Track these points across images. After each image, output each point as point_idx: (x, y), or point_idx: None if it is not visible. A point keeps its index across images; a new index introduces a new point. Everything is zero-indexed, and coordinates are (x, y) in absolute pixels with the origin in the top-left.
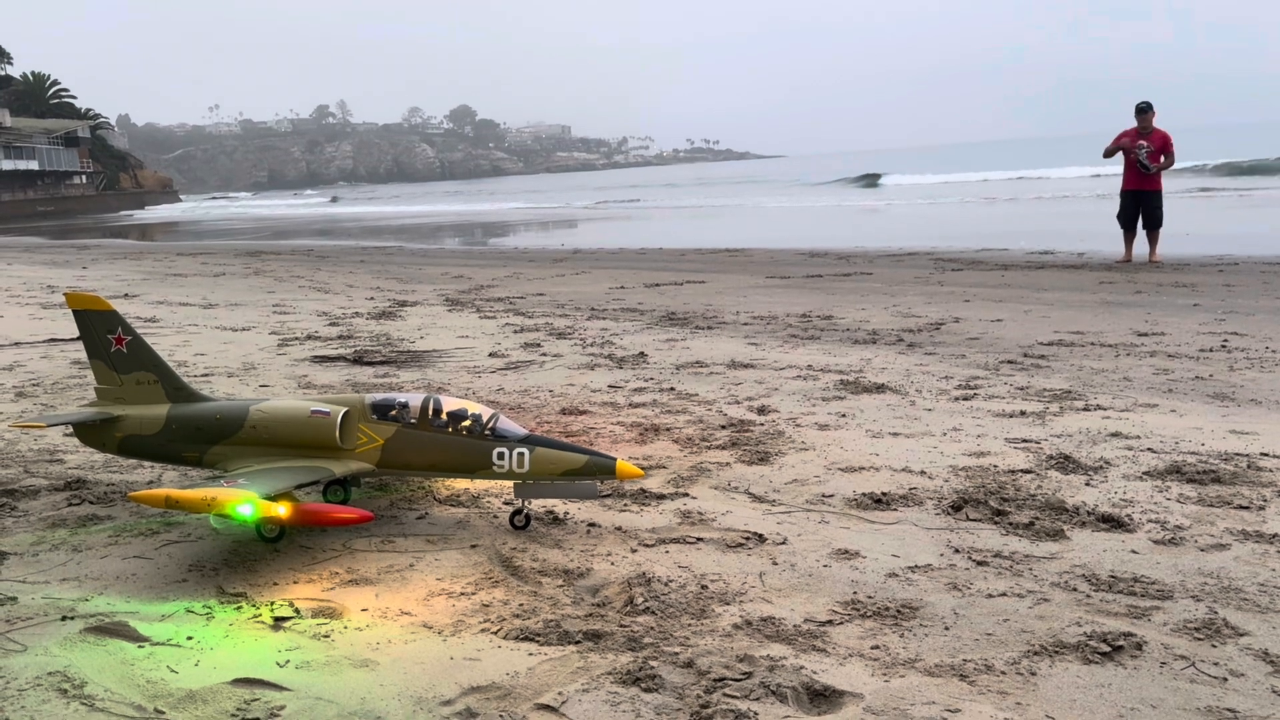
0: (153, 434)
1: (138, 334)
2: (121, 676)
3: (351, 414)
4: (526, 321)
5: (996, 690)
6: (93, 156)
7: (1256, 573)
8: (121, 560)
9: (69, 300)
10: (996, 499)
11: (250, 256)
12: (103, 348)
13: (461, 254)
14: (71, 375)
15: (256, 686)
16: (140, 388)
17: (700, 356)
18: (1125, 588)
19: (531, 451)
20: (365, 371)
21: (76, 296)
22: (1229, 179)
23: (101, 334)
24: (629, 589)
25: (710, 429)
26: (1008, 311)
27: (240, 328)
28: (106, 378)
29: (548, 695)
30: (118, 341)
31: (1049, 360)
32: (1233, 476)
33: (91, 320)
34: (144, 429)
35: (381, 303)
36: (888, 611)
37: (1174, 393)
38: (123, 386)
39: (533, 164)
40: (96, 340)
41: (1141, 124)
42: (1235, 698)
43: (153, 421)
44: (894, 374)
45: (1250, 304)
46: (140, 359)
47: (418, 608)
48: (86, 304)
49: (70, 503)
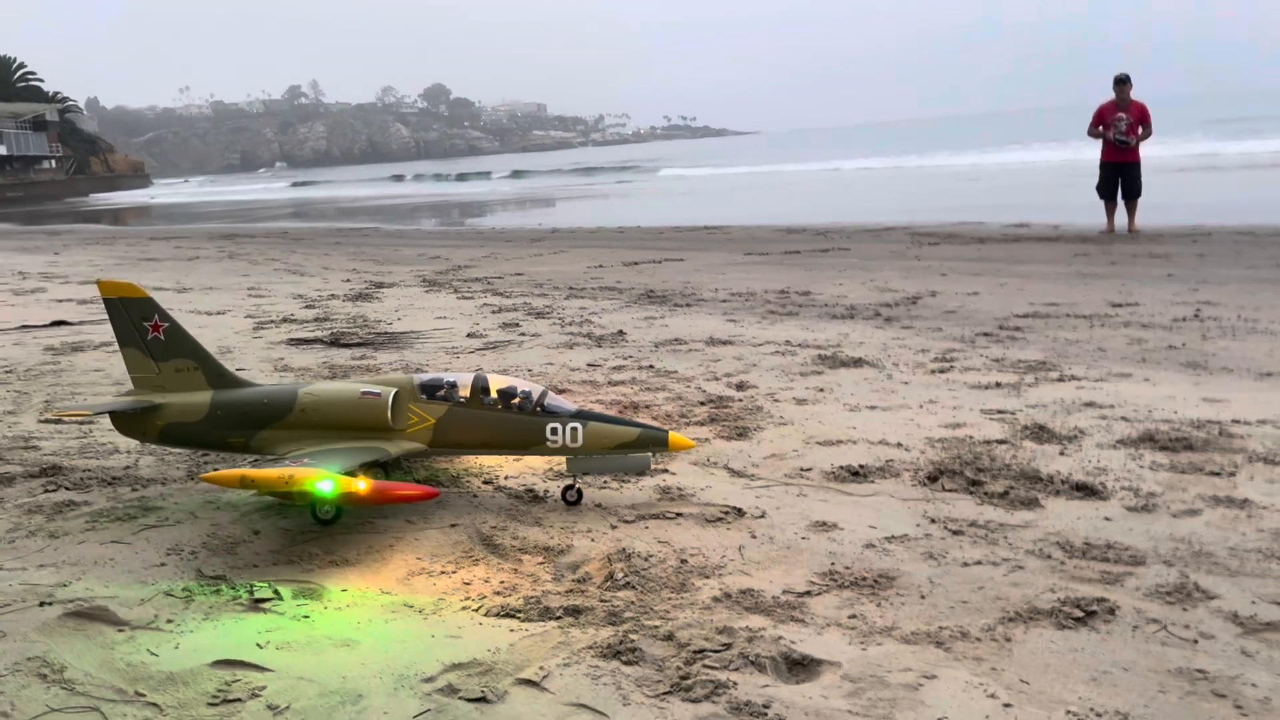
0: (196, 421)
1: (175, 320)
2: (101, 661)
3: (401, 394)
4: (505, 301)
5: (972, 656)
6: (62, 141)
7: (1227, 537)
8: (99, 545)
9: (101, 288)
10: (972, 469)
11: (225, 239)
12: (138, 335)
13: (438, 234)
14: (45, 362)
15: (237, 668)
16: (180, 375)
17: (679, 334)
18: (1099, 554)
19: (585, 426)
20: (342, 354)
21: (110, 284)
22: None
23: (137, 321)
24: (609, 564)
25: (689, 405)
26: (984, 284)
27: (215, 311)
28: (142, 366)
29: (529, 670)
30: (154, 329)
31: (1024, 332)
32: (1204, 443)
33: (126, 308)
34: (187, 416)
35: (358, 284)
36: (865, 581)
37: (1147, 362)
38: (161, 374)
39: (509, 143)
40: (131, 328)
41: (1120, 95)
42: (1205, 659)
43: (196, 408)
44: (871, 348)
45: (1223, 274)
46: (179, 346)
47: (398, 587)
48: (120, 291)
49: (46, 489)
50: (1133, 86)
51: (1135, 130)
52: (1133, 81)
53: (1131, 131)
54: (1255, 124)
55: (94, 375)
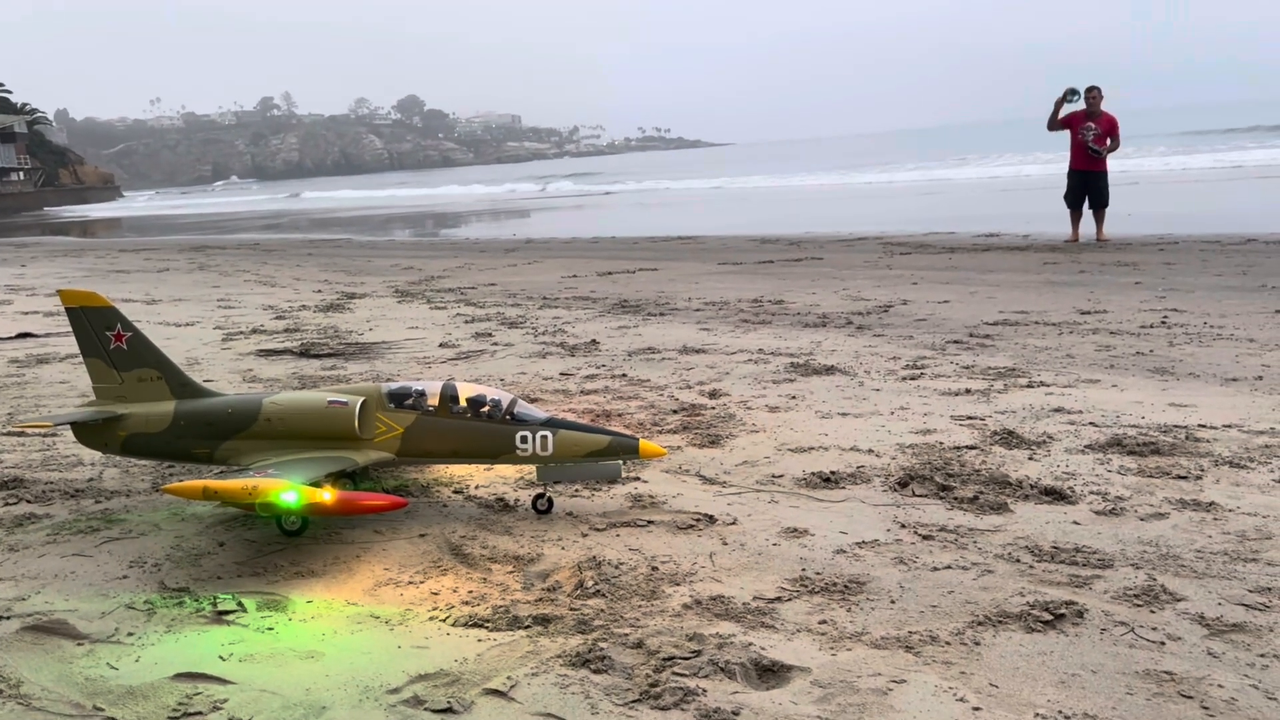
0: (159, 431)
1: (139, 330)
2: (59, 675)
3: (369, 403)
4: (478, 311)
5: (941, 660)
6: (30, 153)
7: (1194, 540)
8: (60, 559)
9: (63, 297)
10: (942, 475)
11: (195, 251)
12: (101, 345)
13: (412, 245)
14: (10, 374)
15: (199, 680)
16: (143, 385)
17: (652, 343)
18: (1067, 558)
19: (555, 434)
20: (312, 364)
21: (71, 294)
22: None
23: (100, 331)
24: (579, 573)
25: (662, 414)
26: (954, 293)
27: (184, 323)
28: (105, 376)
29: (496, 680)
30: (117, 338)
31: (994, 339)
32: (1171, 448)
33: (88, 317)
34: (150, 427)
35: (329, 295)
36: (835, 587)
37: (1115, 368)
38: (124, 384)
39: (483, 154)
40: (94, 338)
41: (1089, 105)
42: (1172, 660)
43: (159, 419)
44: (843, 356)
45: (1190, 281)
46: (142, 355)
47: (365, 598)
48: (82, 300)
49: (7, 502)
50: (1103, 98)
51: (1103, 141)
52: (1103, 93)
53: (1099, 142)
54: (1222, 137)
55: (59, 387)
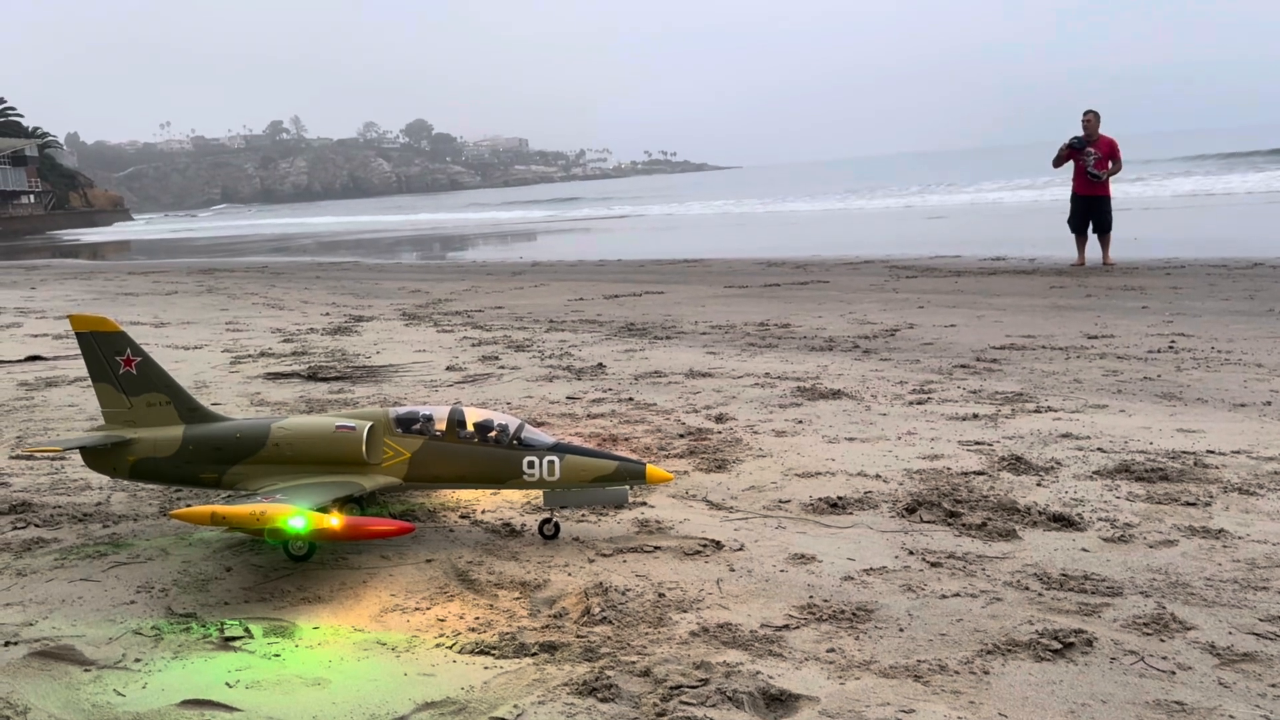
0: (168, 456)
1: (148, 355)
2: (66, 701)
3: (377, 428)
4: (484, 335)
5: (950, 690)
6: (41, 176)
7: (1203, 567)
8: (68, 583)
9: (73, 322)
10: (950, 501)
11: (203, 274)
12: (110, 370)
13: (419, 268)
14: (18, 398)
15: (205, 707)
16: (151, 409)
17: (659, 366)
18: (1076, 585)
19: (562, 459)
20: (320, 387)
21: (81, 318)
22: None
23: (109, 356)
24: (586, 599)
25: (668, 438)
26: (961, 317)
27: (192, 346)
28: (114, 400)
29: (503, 708)
30: (127, 363)
31: (1001, 364)
32: (1180, 474)
33: (98, 342)
34: (158, 451)
35: (337, 318)
36: (843, 614)
37: (1123, 393)
38: (133, 409)
39: (490, 177)
40: (103, 363)
41: (1087, 130)
42: (1183, 690)
43: (167, 443)
44: (850, 380)
45: (1197, 305)
46: (151, 380)
47: (371, 624)
48: (92, 325)
49: (15, 526)
50: (1100, 121)
51: (1104, 164)
52: (1100, 116)
53: (1100, 166)
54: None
55: (68, 410)
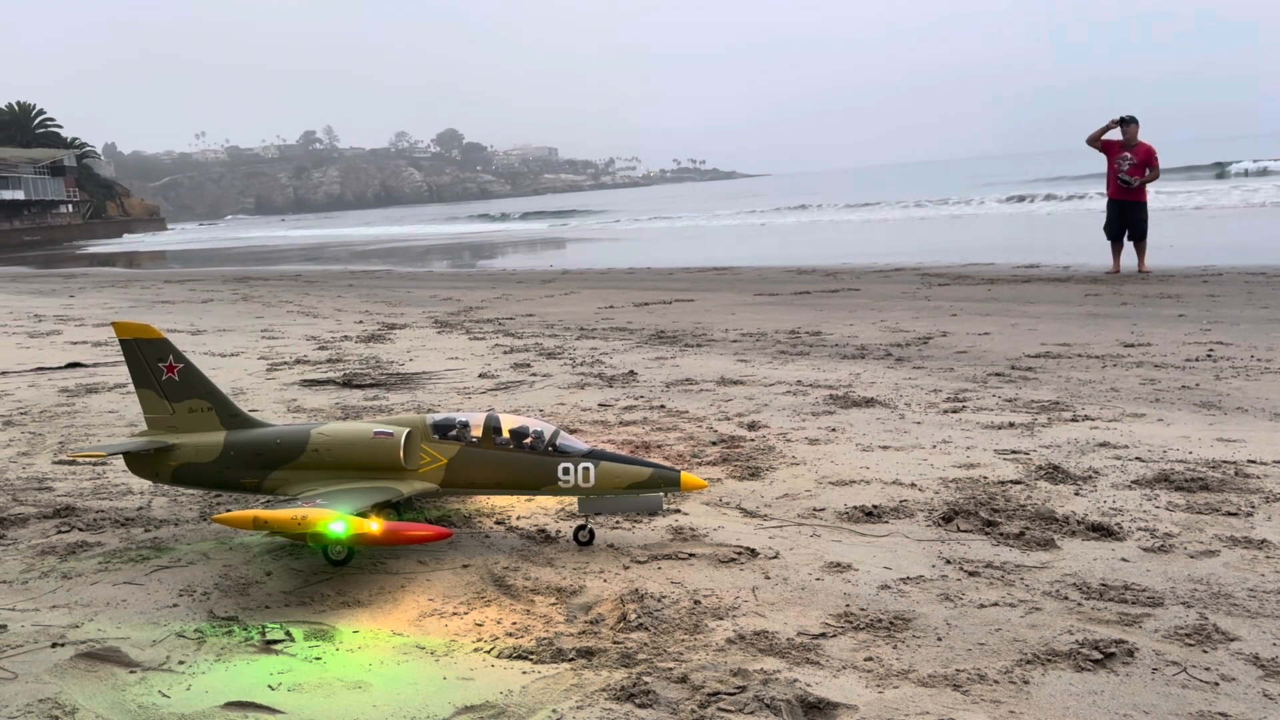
0: (209, 461)
1: (190, 361)
2: (112, 702)
3: (414, 434)
4: (516, 342)
5: (990, 699)
6: (79, 185)
7: (1246, 578)
8: (112, 586)
9: (117, 329)
10: (987, 510)
11: (238, 282)
12: (153, 376)
13: (450, 276)
14: (59, 404)
15: (249, 709)
16: (193, 415)
17: (690, 374)
18: (1116, 595)
19: (596, 466)
20: (355, 395)
21: (125, 325)
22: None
23: (152, 362)
24: (622, 605)
25: (701, 445)
26: (995, 325)
27: (229, 353)
28: (157, 407)
29: (541, 713)
30: (169, 370)
31: (1036, 372)
32: (1220, 484)
33: (141, 349)
34: (200, 457)
35: (370, 326)
36: (880, 623)
37: (1161, 402)
38: (175, 415)
39: (520, 186)
40: (146, 369)
41: (1126, 136)
42: (1227, 701)
43: (209, 449)
44: (883, 388)
45: (1235, 314)
46: (193, 386)
47: (410, 628)
48: (135, 333)
49: (59, 530)
50: (1139, 128)
51: (1140, 171)
52: (1139, 123)
53: (1135, 172)
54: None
55: (108, 416)
